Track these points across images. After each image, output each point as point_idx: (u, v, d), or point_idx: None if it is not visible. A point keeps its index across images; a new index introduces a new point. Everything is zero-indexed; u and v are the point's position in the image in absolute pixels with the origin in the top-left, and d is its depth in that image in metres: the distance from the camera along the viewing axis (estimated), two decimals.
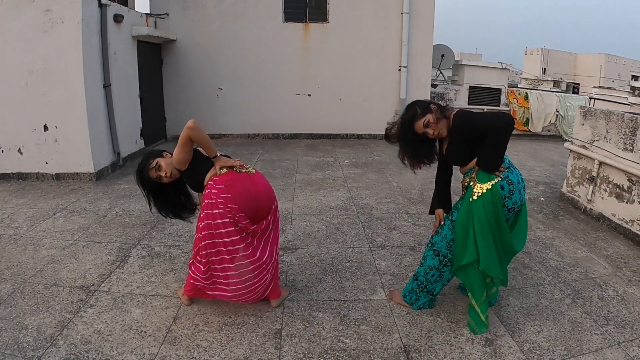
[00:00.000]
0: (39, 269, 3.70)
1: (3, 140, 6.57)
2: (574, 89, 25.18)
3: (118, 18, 7.10)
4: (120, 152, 7.19)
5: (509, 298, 3.30)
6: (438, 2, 9.50)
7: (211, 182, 2.77)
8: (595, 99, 12.49)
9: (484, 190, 2.69)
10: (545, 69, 35.48)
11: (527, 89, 14.15)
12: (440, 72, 11.53)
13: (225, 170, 2.80)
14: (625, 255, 4.17)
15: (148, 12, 9.09)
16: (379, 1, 9.45)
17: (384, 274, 3.64)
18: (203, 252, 2.79)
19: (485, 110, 10.72)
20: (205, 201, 2.75)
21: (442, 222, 3.02)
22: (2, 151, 6.59)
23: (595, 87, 21.94)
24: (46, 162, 6.52)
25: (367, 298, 3.29)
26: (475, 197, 2.72)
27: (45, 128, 6.39)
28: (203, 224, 2.75)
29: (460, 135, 2.75)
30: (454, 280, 3.48)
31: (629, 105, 12.50)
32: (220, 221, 2.70)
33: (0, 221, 4.86)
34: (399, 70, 9.62)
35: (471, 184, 2.79)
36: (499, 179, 2.69)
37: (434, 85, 10.62)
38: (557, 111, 10.93)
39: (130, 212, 5.10)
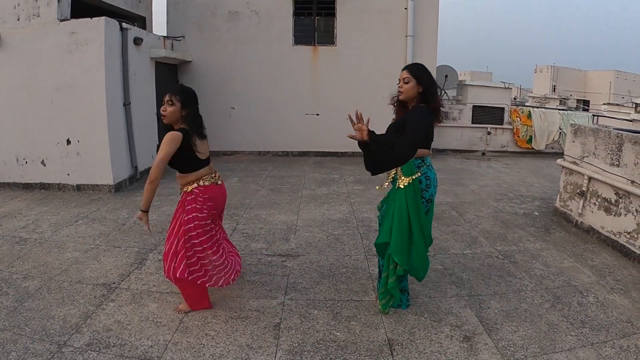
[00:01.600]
0: (64, 269, 4.09)
1: (28, 152, 7.05)
2: (584, 106, 25.26)
3: (138, 41, 7.54)
4: (137, 166, 7.59)
5: (490, 302, 3.58)
6: (450, 22, 9.90)
7: (197, 191, 3.20)
8: (598, 115, 12.65)
9: (407, 183, 3.07)
10: (555, 86, 35.45)
11: (531, 106, 14.39)
12: (445, 92, 11.84)
13: (207, 182, 3.26)
14: (610, 265, 4.37)
15: (165, 34, 9.59)
16: (385, 25, 9.82)
17: (376, 279, 3.93)
18: (195, 242, 3.19)
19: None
20: (193, 205, 3.18)
21: None
22: (27, 162, 7.07)
23: (604, 103, 22.03)
24: (68, 174, 6.96)
25: (359, 299, 3.60)
26: (400, 186, 3.11)
27: (68, 142, 6.84)
28: (195, 223, 3.18)
29: (403, 119, 3.08)
30: (441, 283, 3.80)
31: (630, 121, 12.71)
32: (204, 222, 3.21)
33: (25, 226, 5.29)
34: None
35: (397, 176, 3.17)
36: (419, 175, 3.09)
37: None
38: (560, 129, 11.16)
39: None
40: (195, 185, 3.20)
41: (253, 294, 3.66)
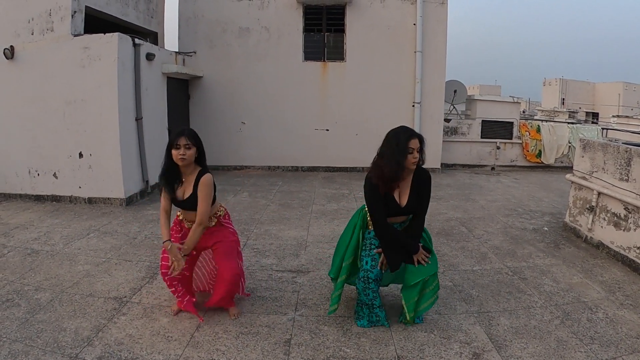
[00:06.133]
0: (76, 281, 4.14)
1: (40, 164, 7.16)
2: (593, 118, 25.12)
3: (150, 56, 7.67)
4: (148, 180, 7.65)
5: (499, 318, 3.57)
6: (458, 37, 9.94)
7: (226, 222, 3.57)
8: (607, 128, 12.59)
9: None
10: (563, 99, 35.27)
11: (540, 120, 14.37)
12: (454, 107, 11.89)
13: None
14: (620, 280, 4.35)
15: (177, 50, 9.75)
16: (394, 41, 9.91)
17: (385, 295, 3.95)
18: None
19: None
20: (231, 229, 3.57)
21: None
22: (38, 174, 7.18)
23: (613, 116, 21.92)
24: (79, 187, 7.05)
25: None
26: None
27: (80, 155, 6.93)
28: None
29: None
30: (450, 300, 3.79)
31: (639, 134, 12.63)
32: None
33: (37, 238, 5.37)
34: (413, 106, 10.00)
35: None
36: None
37: (447, 120, 10.96)
38: (570, 142, 11.13)
39: (158, 235, 5.50)
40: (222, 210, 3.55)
41: (264, 309, 3.68)
